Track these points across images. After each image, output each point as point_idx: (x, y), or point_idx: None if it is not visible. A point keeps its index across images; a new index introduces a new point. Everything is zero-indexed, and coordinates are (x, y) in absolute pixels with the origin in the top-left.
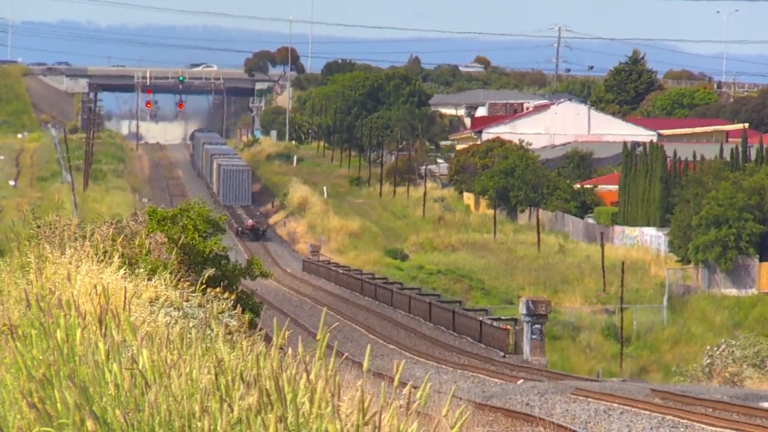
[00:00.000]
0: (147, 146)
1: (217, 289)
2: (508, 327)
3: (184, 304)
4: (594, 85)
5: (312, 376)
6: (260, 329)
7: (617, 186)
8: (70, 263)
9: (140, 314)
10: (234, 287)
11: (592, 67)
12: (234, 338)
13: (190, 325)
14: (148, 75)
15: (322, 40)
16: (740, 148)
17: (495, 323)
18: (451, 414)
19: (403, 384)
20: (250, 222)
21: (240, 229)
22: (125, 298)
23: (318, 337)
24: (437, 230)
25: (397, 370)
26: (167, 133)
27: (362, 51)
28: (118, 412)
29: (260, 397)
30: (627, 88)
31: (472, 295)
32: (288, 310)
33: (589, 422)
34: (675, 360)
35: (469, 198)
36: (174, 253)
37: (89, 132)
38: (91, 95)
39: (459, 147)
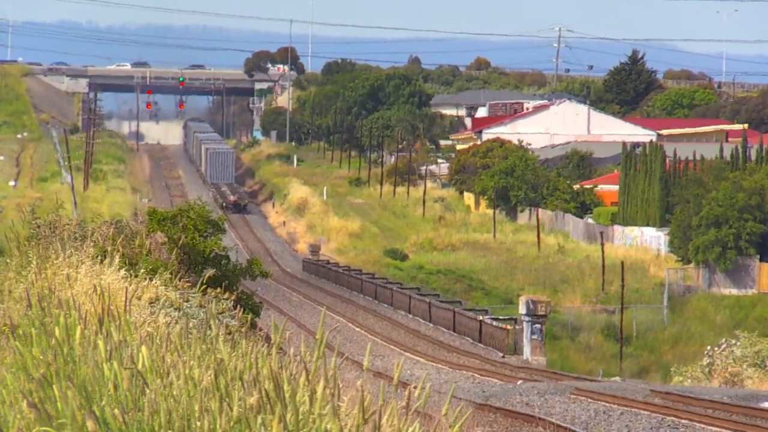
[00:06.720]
0: (147, 146)
1: (218, 290)
2: (508, 327)
3: (184, 304)
4: (594, 85)
5: (311, 376)
6: (260, 329)
7: (617, 186)
8: (71, 263)
9: (140, 315)
10: (234, 287)
11: (591, 67)
12: (234, 338)
13: (190, 325)
14: (148, 75)
15: (322, 40)
16: (740, 148)
17: (495, 323)
18: (451, 414)
19: (403, 384)
20: (232, 198)
21: (224, 203)
22: (126, 299)
23: (317, 337)
24: (437, 230)
25: (397, 370)
26: (168, 133)
27: (362, 51)
28: (117, 411)
29: (260, 397)
30: (627, 88)
31: (472, 295)
32: (288, 310)
33: (589, 422)
34: (675, 360)
35: (469, 198)
36: (174, 253)
37: (89, 132)
38: (91, 95)
39: (459, 147)
